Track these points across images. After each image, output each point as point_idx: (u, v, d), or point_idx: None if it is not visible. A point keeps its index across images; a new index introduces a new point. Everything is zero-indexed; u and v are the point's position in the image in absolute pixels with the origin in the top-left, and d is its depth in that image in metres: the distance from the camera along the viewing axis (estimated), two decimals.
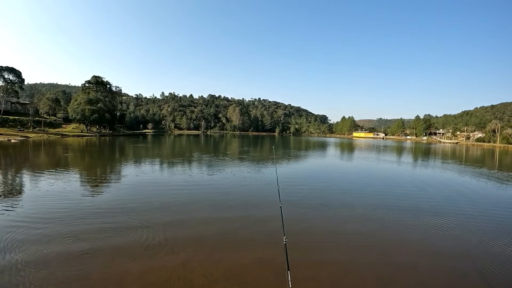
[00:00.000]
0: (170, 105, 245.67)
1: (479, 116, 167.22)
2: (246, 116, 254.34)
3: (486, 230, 10.81)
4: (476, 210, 13.49)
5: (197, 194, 15.00)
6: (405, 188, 18.55)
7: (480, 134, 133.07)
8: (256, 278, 6.84)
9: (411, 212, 12.79)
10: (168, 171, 22.71)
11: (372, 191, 17.13)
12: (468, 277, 7.24)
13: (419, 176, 24.53)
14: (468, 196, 16.68)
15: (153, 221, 10.46)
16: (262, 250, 8.33)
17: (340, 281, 6.90)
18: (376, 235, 9.92)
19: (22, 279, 6.43)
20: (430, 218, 11.87)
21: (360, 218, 11.71)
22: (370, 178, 22.25)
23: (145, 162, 28.66)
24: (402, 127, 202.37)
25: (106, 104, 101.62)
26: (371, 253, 8.43)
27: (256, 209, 12.54)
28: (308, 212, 12.33)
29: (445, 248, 8.88)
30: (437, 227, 10.79)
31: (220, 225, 10.29)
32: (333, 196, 15.71)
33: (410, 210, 13.03)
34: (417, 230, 10.46)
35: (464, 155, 55.36)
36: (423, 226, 10.86)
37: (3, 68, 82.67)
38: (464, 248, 8.93)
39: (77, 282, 6.40)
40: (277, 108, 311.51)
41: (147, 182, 17.81)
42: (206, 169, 24.57)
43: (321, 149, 59.98)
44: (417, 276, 7.18)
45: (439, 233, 10.22)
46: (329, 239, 9.44)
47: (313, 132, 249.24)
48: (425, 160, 41.02)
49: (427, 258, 8.14)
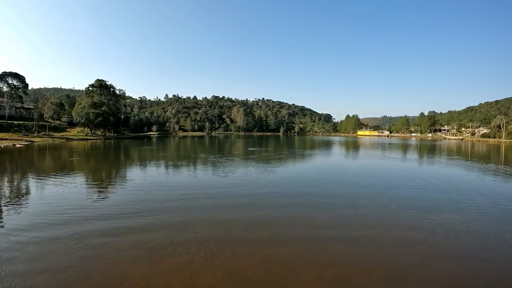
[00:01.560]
0: (174, 107, 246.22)
1: (484, 112, 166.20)
2: (250, 116, 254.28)
3: (501, 224, 10.66)
4: (487, 205, 13.31)
5: (201, 195, 14.92)
6: (411, 185, 18.35)
7: (485, 130, 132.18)
8: (261, 278, 6.73)
9: (418, 209, 12.63)
10: (172, 174, 22.66)
11: (378, 189, 16.96)
12: (480, 275, 7.10)
13: (425, 173, 24.29)
14: (477, 191, 16.47)
15: (156, 223, 10.39)
16: (267, 250, 8.23)
17: (347, 281, 6.77)
18: (382, 233, 9.78)
19: (24, 282, 6.38)
20: (438, 215, 11.70)
21: (366, 216, 11.57)
22: (375, 176, 22.08)
23: (149, 164, 28.69)
24: (407, 125, 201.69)
25: (110, 107, 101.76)
26: (378, 252, 8.29)
27: (260, 210, 12.44)
28: (314, 211, 12.22)
29: (454, 245, 8.73)
30: (445, 224, 10.63)
31: (224, 226, 10.20)
32: (339, 195, 15.57)
33: (417, 207, 12.87)
34: (425, 227, 10.32)
35: (469, 151, 54.89)
36: (431, 223, 10.70)
37: (7, 73, 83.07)
38: (475, 245, 8.79)
39: (78, 285, 6.33)
40: (281, 108, 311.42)
41: (151, 185, 17.77)
42: (210, 170, 24.50)
43: (326, 148, 59.76)
44: (426, 275, 7.02)
45: (447, 229, 10.06)
46: (335, 238, 9.32)
47: (317, 132, 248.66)
48: (431, 157, 40.68)
49: (436, 256, 7.98)
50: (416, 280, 6.82)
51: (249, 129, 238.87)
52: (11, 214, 11.50)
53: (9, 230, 9.57)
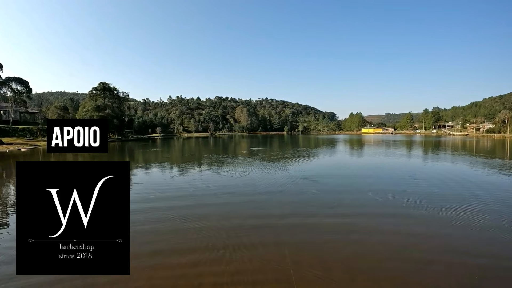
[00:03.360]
0: (177, 108, 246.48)
1: (488, 107, 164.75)
2: (254, 116, 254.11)
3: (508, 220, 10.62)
4: (494, 202, 13.25)
5: (206, 196, 14.94)
6: (417, 182, 18.22)
7: (490, 125, 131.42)
8: (266, 279, 6.74)
9: (425, 207, 12.55)
10: (178, 174, 22.73)
11: (383, 187, 16.90)
12: (489, 273, 7.07)
13: (431, 169, 24.20)
14: (483, 188, 16.38)
15: (161, 224, 10.45)
16: (273, 251, 8.23)
17: (352, 280, 6.76)
18: (388, 231, 9.76)
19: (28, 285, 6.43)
20: (445, 212, 11.64)
21: (371, 215, 11.55)
22: (380, 174, 22.03)
23: (154, 165, 28.76)
24: (411, 121, 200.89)
25: (114, 110, 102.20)
26: (384, 250, 8.27)
27: (265, 210, 12.44)
28: (318, 210, 12.22)
29: (463, 243, 8.70)
30: (453, 221, 10.58)
31: (229, 227, 10.20)
32: (344, 193, 15.54)
33: (424, 205, 12.77)
34: (432, 225, 10.26)
35: (474, 147, 54.65)
36: (438, 221, 10.66)
37: (11, 78, 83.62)
38: (485, 243, 8.75)
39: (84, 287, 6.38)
40: (284, 107, 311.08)
41: (156, 185, 17.82)
42: (216, 171, 24.53)
43: (330, 146, 59.68)
44: (433, 274, 7.00)
45: (455, 227, 10.02)
46: (339, 237, 9.31)
47: (321, 130, 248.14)
48: (436, 154, 40.54)
49: (444, 255, 7.96)
50: (424, 279, 6.80)
51: (253, 129, 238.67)
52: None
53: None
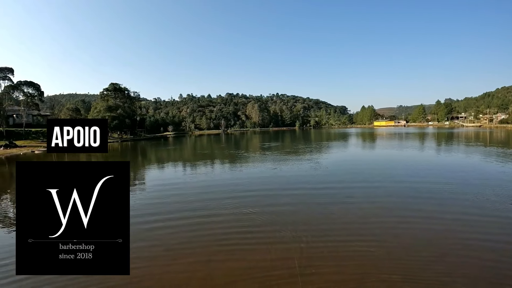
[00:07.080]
0: (189, 106, 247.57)
1: (501, 97, 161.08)
2: (266, 112, 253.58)
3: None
4: None
5: (217, 194, 14.99)
6: (429, 176, 18.00)
7: (503, 115, 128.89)
8: (277, 276, 6.70)
9: (437, 201, 12.37)
10: (190, 172, 22.85)
11: (395, 180, 16.75)
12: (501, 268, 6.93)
13: (445, 163, 23.91)
14: (497, 180, 16.09)
15: (173, 222, 10.49)
16: (283, 249, 8.17)
17: (364, 276, 6.68)
18: (400, 226, 9.64)
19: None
20: (457, 207, 11.48)
21: (383, 210, 11.44)
22: (392, 168, 21.79)
23: (167, 164, 29.00)
24: (423, 113, 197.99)
25: (125, 110, 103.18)
26: (397, 246, 8.16)
27: (276, 208, 12.36)
28: (329, 205, 12.14)
29: (475, 237, 8.54)
30: (465, 215, 10.41)
31: (241, 225, 10.19)
32: (355, 187, 15.40)
33: (436, 199, 12.63)
34: (444, 219, 10.10)
35: (488, 138, 53.75)
36: (450, 215, 10.47)
37: (22, 82, 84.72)
38: (497, 237, 8.59)
39: (97, 286, 6.41)
40: (295, 102, 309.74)
41: (168, 184, 17.95)
42: (228, 168, 24.57)
43: (342, 140, 59.34)
44: (445, 269, 6.89)
45: (467, 221, 9.86)
46: (351, 232, 9.23)
47: (333, 124, 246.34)
48: (449, 146, 39.99)
49: (457, 249, 7.84)
50: (436, 274, 6.67)
51: (264, 125, 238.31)
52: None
53: None
